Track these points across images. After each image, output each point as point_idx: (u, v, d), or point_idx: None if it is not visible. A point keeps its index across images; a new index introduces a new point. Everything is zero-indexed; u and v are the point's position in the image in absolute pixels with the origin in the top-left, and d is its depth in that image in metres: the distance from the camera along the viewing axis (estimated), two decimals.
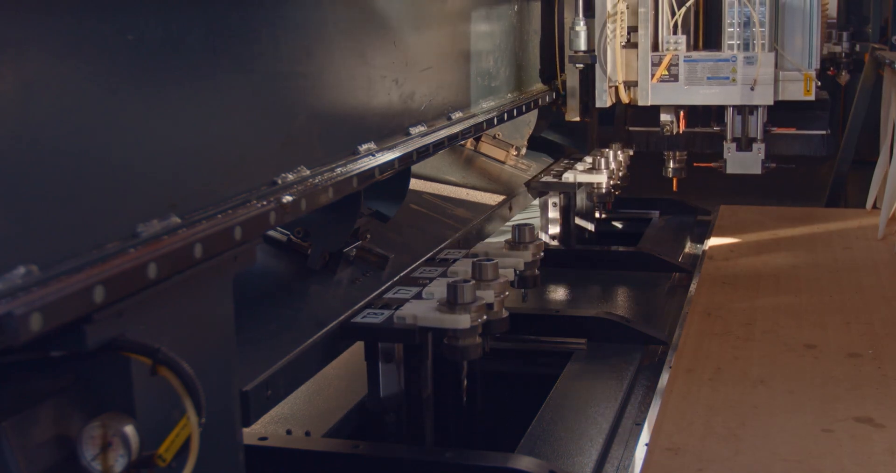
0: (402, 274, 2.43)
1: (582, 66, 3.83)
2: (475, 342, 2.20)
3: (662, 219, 4.57)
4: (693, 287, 3.39)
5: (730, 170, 3.94)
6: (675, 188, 4.37)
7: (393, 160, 2.23)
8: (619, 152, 4.03)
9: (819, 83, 3.81)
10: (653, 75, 3.74)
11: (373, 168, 2.12)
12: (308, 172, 1.86)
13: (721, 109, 3.92)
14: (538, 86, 3.85)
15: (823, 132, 4.14)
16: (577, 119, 3.94)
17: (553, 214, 3.91)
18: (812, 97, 3.74)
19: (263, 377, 1.74)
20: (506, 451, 2.21)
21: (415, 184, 3.02)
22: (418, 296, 2.31)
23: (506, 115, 3.22)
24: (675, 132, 3.96)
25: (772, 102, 3.74)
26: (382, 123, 2.31)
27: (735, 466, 2.13)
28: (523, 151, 4.01)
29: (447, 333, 2.19)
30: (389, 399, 2.26)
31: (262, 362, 1.79)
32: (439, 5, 2.76)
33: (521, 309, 3.04)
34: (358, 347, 2.29)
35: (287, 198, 1.71)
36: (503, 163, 3.91)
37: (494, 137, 3.89)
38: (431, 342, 2.28)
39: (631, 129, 4.28)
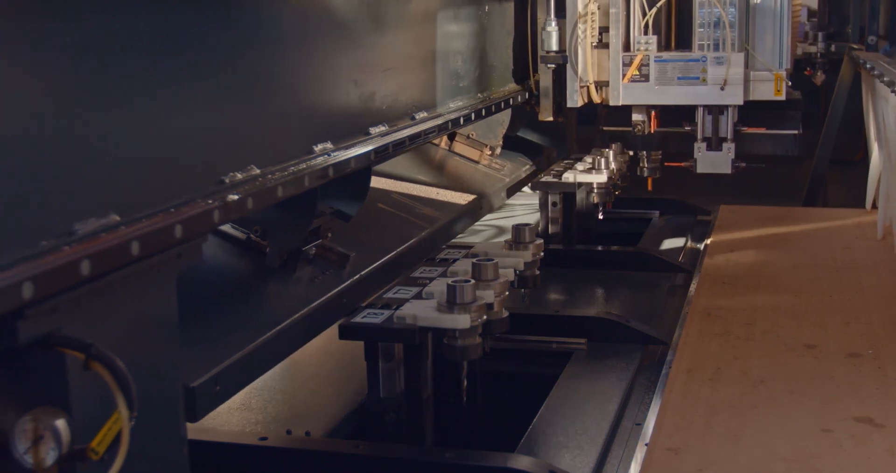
0: (362, 272, 2.42)
1: (554, 66, 3.82)
2: (475, 342, 2.20)
3: (662, 219, 4.57)
4: (693, 287, 3.39)
5: (700, 169, 3.93)
6: (650, 188, 4.37)
7: (349, 160, 2.22)
8: (618, 153, 4.03)
9: (790, 83, 3.81)
10: (624, 75, 3.74)
11: (326, 167, 2.11)
12: (258, 171, 1.87)
13: (693, 109, 3.92)
14: (511, 86, 3.85)
15: (795, 132, 4.17)
16: (551, 119, 3.94)
17: (553, 214, 3.92)
18: (783, 97, 3.73)
19: (212, 373, 1.75)
20: (506, 451, 2.21)
21: (384, 183, 3.01)
22: (418, 296, 2.31)
23: (473, 115, 3.22)
24: (646, 132, 3.95)
25: (741, 102, 3.74)
26: (341, 123, 2.31)
27: (735, 466, 2.13)
28: (498, 150, 4.00)
29: (447, 333, 2.19)
30: (389, 399, 2.27)
31: (212, 358, 1.79)
32: (403, 4, 2.75)
33: (521, 309, 3.04)
34: (358, 347, 2.29)
35: (232, 196, 1.71)
36: (477, 163, 3.90)
37: (468, 137, 3.88)
38: (431, 342, 2.28)
39: (605, 128, 4.30)
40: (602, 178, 3.91)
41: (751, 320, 3.03)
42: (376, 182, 2.89)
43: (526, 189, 4.08)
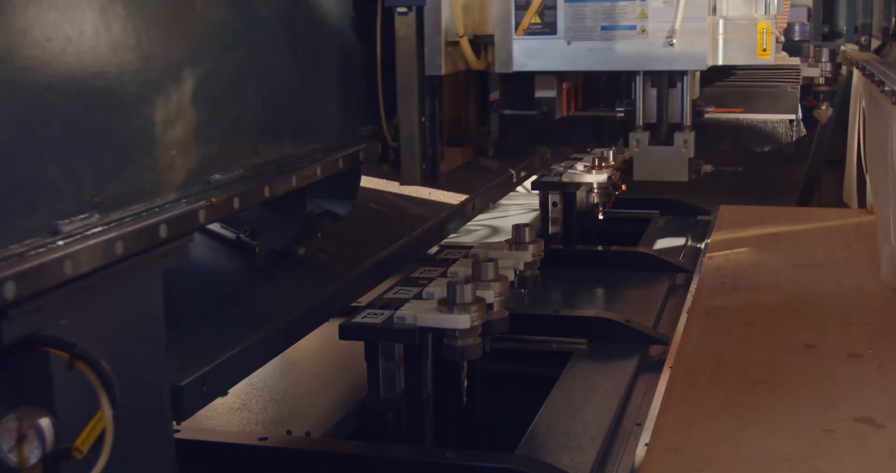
0: (353, 272, 2.40)
1: (405, 11, 2.24)
2: (475, 342, 2.20)
3: (662, 219, 4.57)
4: (693, 287, 3.39)
5: (638, 175, 2.52)
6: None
7: (337, 159, 2.21)
8: (618, 153, 4.04)
9: (783, 39, 2.65)
10: (517, 26, 2.38)
11: (314, 167, 2.10)
12: (243, 171, 1.86)
13: (629, 79, 2.53)
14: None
15: (791, 117, 2.73)
16: (419, 185, 2.46)
17: (553, 214, 3.92)
18: (770, 60, 2.40)
19: (199, 373, 1.75)
20: (506, 451, 2.21)
21: (376, 184, 3.01)
22: (418, 296, 2.31)
23: None
24: (556, 116, 2.63)
25: (705, 67, 2.36)
26: (328, 124, 2.30)
27: (735, 466, 2.13)
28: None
29: (447, 333, 2.19)
30: (389, 399, 2.27)
31: (200, 358, 1.79)
32: None
33: (521, 309, 3.04)
34: (358, 347, 2.29)
35: (217, 197, 1.71)
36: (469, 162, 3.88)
37: None
38: (431, 342, 2.28)
39: (505, 113, 2.75)
40: (602, 178, 3.91)
41: (751, 320, 3.03)
42: (366, 182, 2.89)
43: (520, 189, 4.05)
